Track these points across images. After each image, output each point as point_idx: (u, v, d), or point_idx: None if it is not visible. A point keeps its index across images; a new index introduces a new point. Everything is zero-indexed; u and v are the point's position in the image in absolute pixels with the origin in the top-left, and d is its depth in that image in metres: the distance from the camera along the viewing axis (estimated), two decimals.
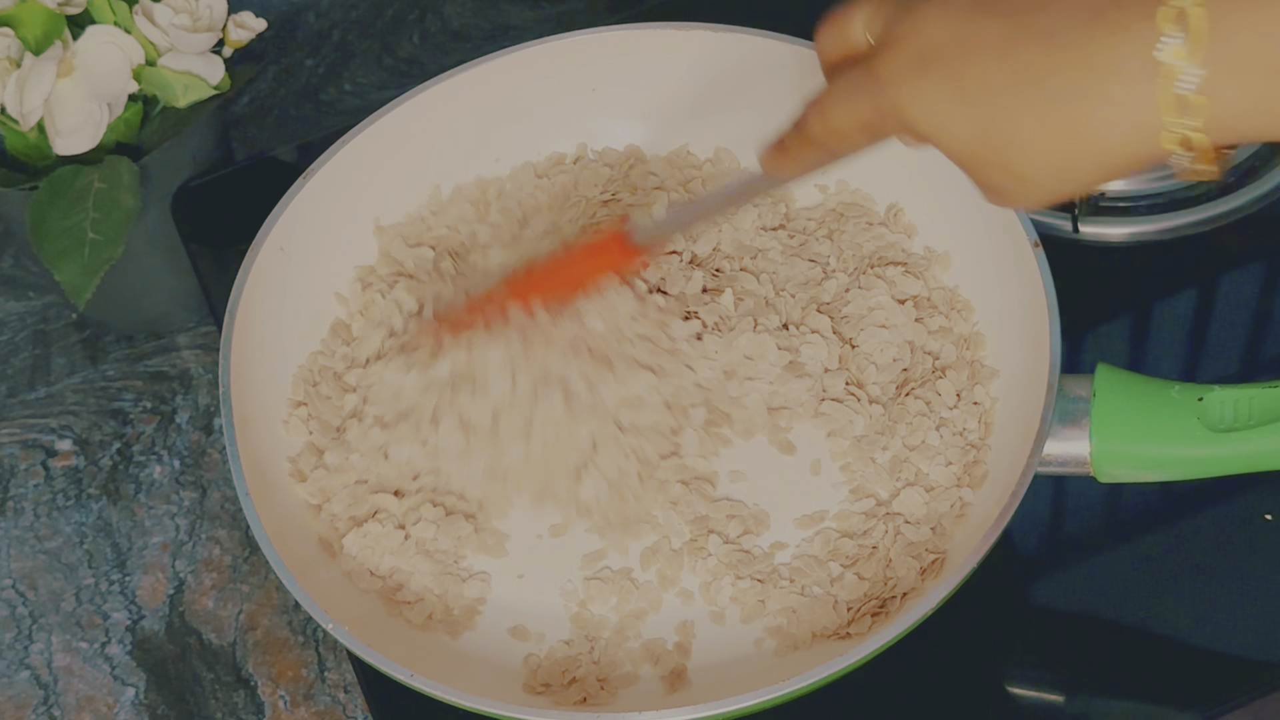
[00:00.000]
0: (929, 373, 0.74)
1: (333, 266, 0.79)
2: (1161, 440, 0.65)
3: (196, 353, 0.89)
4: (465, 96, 0.82)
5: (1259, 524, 0.72)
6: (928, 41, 0.49)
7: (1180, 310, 0.80)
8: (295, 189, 0.77)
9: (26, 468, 0.85)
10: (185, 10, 0.82)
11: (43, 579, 0.81)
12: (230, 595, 0.79)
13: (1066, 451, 0.66)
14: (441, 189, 0.83)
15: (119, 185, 0.79)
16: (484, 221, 0.80)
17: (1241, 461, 0.64)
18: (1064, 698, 0.69)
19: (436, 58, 1.02)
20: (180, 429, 0.86)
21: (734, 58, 0.81)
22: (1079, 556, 0.72)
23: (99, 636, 0.78)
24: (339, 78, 1.01)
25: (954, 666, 0.69)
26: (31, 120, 0.78)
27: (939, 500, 0.69)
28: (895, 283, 0.76)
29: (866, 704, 0.68)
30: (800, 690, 0.61)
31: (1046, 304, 0.69)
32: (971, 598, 0.63)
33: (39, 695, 0.77)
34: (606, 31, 0.83)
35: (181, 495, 0.83)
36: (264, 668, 0.76)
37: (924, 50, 0.49)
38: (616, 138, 0.84)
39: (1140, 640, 0.69)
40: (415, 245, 0.80)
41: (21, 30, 0.80)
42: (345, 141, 0.79)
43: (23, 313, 0.93)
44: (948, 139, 0.49)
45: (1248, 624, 0.69)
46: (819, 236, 0.79)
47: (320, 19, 1.05)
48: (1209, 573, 0.71)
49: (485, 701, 0.62)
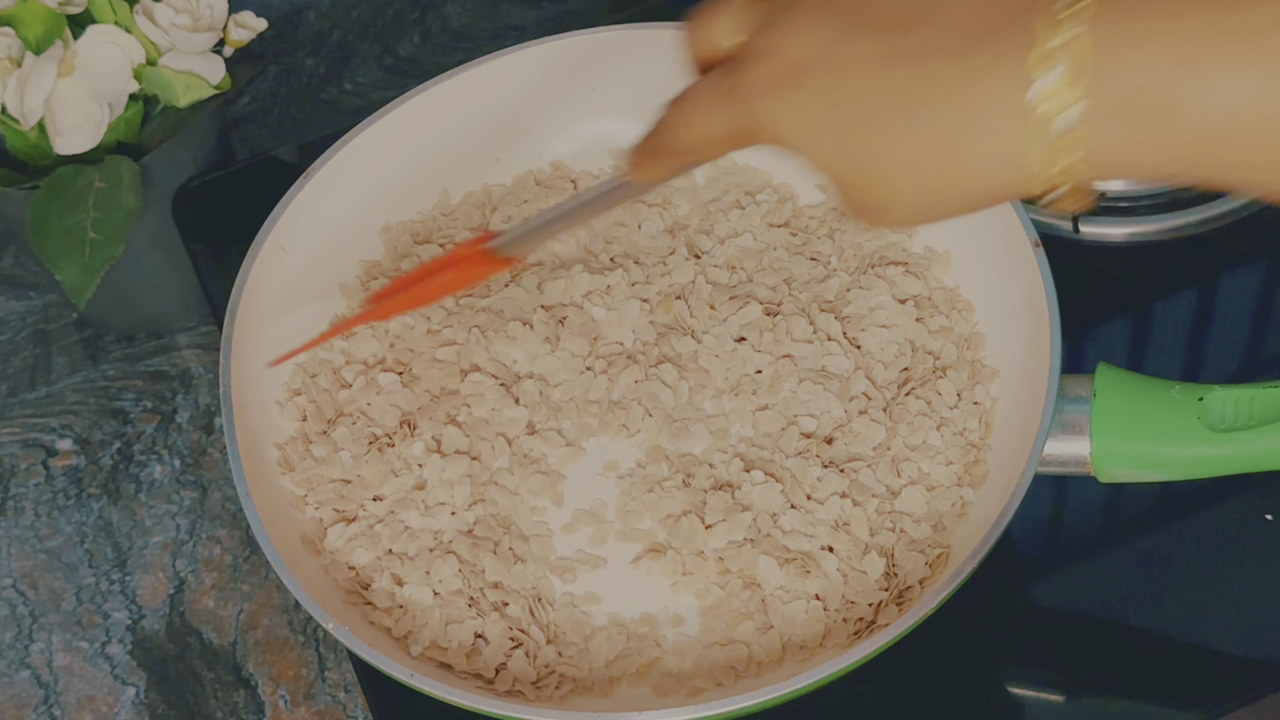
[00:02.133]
0: (930, 372, 0.74)
1: (333, 266, 0.79)
2: (1161, 440, 0.65)
3: (197, 352, 0.89)
4: (465, 96, 0.82)
5: (1259, 524, 0.72)
6: (797, 54, 0.47)
7: (1180, 310, 0.80)
8: (296, 189, 0.77)
9: (27, 467, 0.85)
10: (186, 10, 0.82)
11: (43, 578, 0.81)
12: (231, 595, 0.79)
13: (1067, 451, 0.66)
14: (451, 193, 0.83)
15: (120, 185, 0.79)
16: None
17: (1241, 461, 0.64)
18: (1064, 698, 0.69)
19: (437, 57, 1.02)
20: (181, 428, 0.86)
21: None
22: (1079, 556, 0.72)
23: (99, 636, 0.78)
24: (339, 78, 1.01)
25: (954, 666, 0.69)
26: (32, 120, 0.78)
27: (940, 499, 0.69)
28: (896, 282, 0.76)
29: (866, 704, 0.68)
30: (800, 690, 0.61)
31: (1047, 304, 0.69)
32: (971, 598, 0.63)
33: (39, 695, 0.77)
34: (606, 31, 0.83)
35: (182, 495, 0.83)
36: (264, 667, 0.76)
37: (793, 63, 0.47)
38: (616, 138, 0.84)
39: (1140, 640, 0.69)
40: (423, 243, 0.80)
41: (22, 30, 0.80)
42: (345, 141, 0.79)
43: (23, 312, 0.93)
44: (815, 155, 0.48)
45: (1248, 624, 0.69)
46: (820, 235, 0.79)
47: (321, 19, 1.05)
48: (1209, 573, 0.71)
49: (485, 701, 0.62)
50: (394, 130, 0.81)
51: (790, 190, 0.81)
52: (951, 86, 0.45)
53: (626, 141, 0.82)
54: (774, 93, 0.48)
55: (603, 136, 0.84)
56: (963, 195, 0.46)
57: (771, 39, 0.48)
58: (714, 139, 0.51)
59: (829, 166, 0.48)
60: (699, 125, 0.51)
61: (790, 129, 0.48)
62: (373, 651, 0.63)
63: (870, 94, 0.46)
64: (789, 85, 0.47)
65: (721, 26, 0.52)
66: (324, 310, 0.78)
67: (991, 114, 0.44)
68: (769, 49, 0.48)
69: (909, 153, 0.46)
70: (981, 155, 0.45)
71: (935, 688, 0.68)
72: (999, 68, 0.44)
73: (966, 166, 0.45)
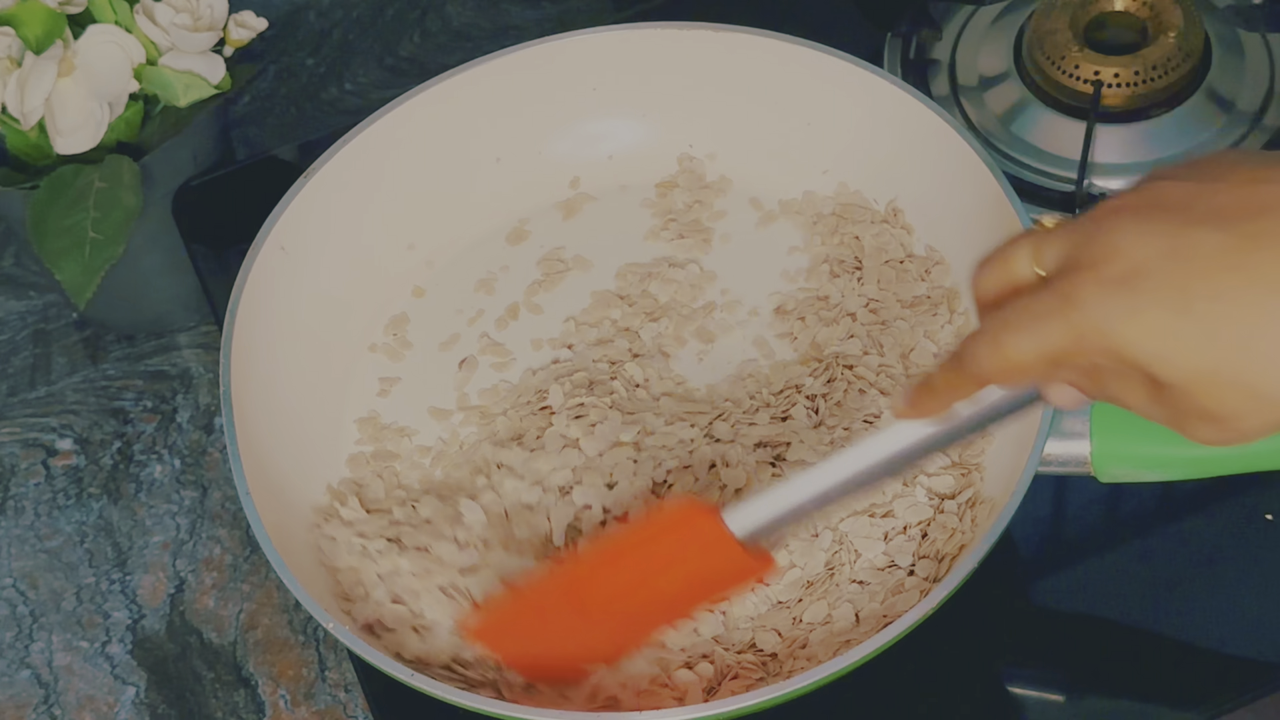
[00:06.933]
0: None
1: (333, 266, 0.80)
2: (1161, 440, 0.65)
3: (197, 352, 0.89)
4: (466, 96, 0.82)
5: (1259, 524, 0.72)
6: (1134, 258, 0.44)
7: None
8: (296, 188, 0.77)
9: (27, 467, 0.85)
10: (186, 9, 0.82)
11: (43, 578, 0.81)
12: (231, 594, 0.79)
13: (1067, 451, 0.66)
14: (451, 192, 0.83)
15: (120, 184, 0.79)
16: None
17: (1241, 461, 0.64)
18: (1064, 698, 0.69)
19: (437, 57, 1.02)
20: (181, 428, 0.86)
21: (734, 58, 0.81)
22: (1079, 556, 0.72)
23: (99, 636, 0.78)
24: (339, 77, 1.01)
25: (954, 666, 0.69)
26: (32, 119, 0.78)
27: (940, 500, 0.69)
28: (896, 282, 0.76)
29: (867, 704, 0.68)
30: (800, 690, 0.61)
31: None
32: (971, 598, 0.63)
33: (39, 694, 0.77)
34: (606, 31, 0.83)
35: (182, 494, 0.83)
36: (264, 667, 0.76)
37: (1131, 268, 0.44)
38: (617, 137, 0.84)
39: (1140, 640, 0.69)
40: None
41: (22, 29, 0.80)
42: (345, 141, 0.79)
43: (23, 312, 0.93)
44: (1174, 360, 0.44)
45: (1248, 624, 0.69)
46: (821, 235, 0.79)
47: (321, 18, 1.05)
48: (1209, 573, 0.71)
49: (485, 701, 0.62)
50: (394, 130, 0.81)
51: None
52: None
53: (628, 141, 0.84)
54: (1115, 299, 0.45)
55: (603, 136, 0.84)
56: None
57: (1099, 250, 0.46)
58: (1030, 363, 0.47)
59: (1193, 369, 0.44)
60: (1016, 348, 0.47)
61: (1141, 335, 0.44)
62: (373, 651, 0.63)
63: (1233, 283, 0.44)
64: (1131, 290, 0.44)
65: (1021, 256, 0.49)
66: (325, 310, 0.78)
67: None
68: (1098, 260, 0.45)
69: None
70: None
71: (935, 688, 0.68)
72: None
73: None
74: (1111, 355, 0.46)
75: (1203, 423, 0.45)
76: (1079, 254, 0.46)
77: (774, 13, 0.83)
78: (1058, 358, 0.47)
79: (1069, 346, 0.46)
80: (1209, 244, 0.44)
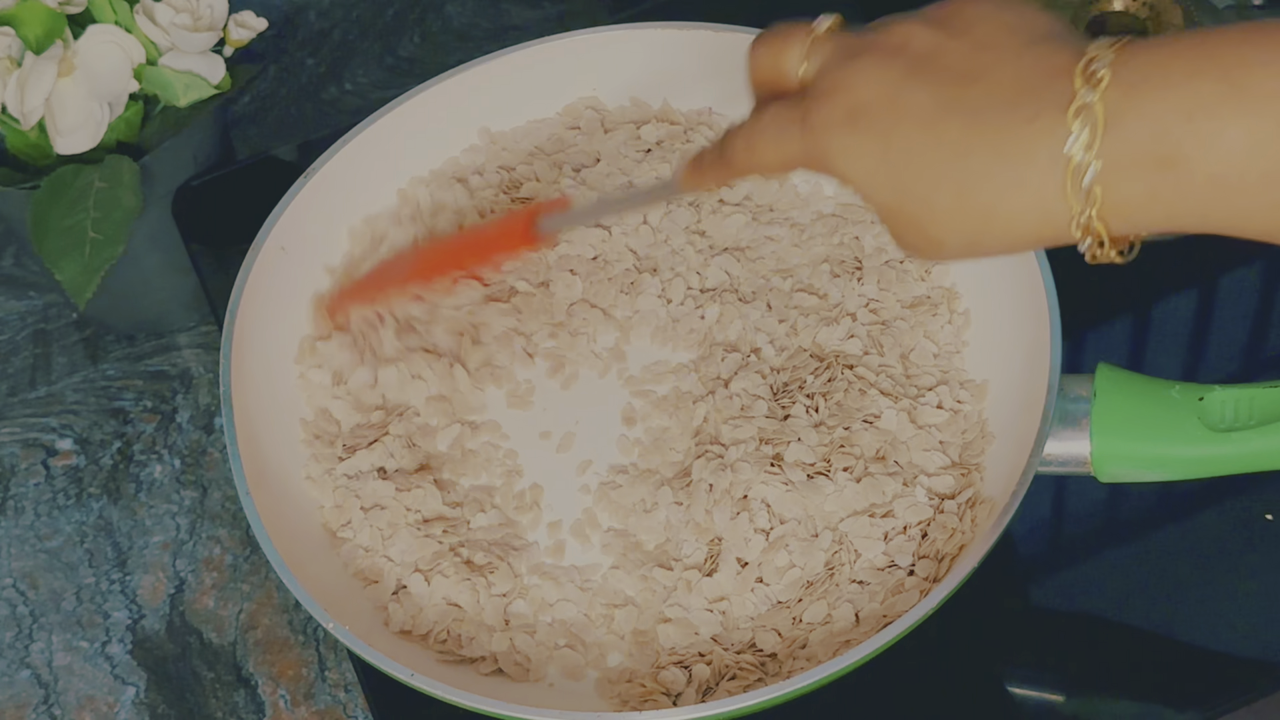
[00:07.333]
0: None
1: (333, 266, 0.79)
2: (1162, 440, 0.65)
3: (197, 352, 0.89)
4: (466, 96, 0.82)
5: (1259, 524, 0.72)
6: (860, 97, 0.51)
7: (1180, 310, 0.80)
8: (296, 188, 0.77)
9: (27, 467, 0.85)
10: (186, 9, 0.82)
11: (43, 578, 0.81)
12: (230, 594, 0.79)
13: (1067, 451, 0.66)
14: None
15: (120, 184, 0.79)
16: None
17: (1241, 461, 0.64)
18: (1064, 698, 0.69)
19: (437, 57, 1.02)
20: (181, 428, 0.86)
21: (734, 58, 0.81)
22: (1079, 556, 0.72)
23: (99, 636, 0.78)
24: (339, 77, 1.01)
25: (954, 666, 0.69)
26: (32, 119, 0.78)
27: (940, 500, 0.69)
28: (896, 282, 0.76)
29: (866, 704, 0.68)
30: (800, 690, 0.61)
31: (1047, 304, 0.69)
32: (971, 598, 0.63)
33: (39, 694, 0.77)
34: (606, 31, 0.83)
35: (182, 494, 0.83)
36: (264, 667, 0.76)
37: (856, 105, 0.51)
38: None
39: (1140, 640, 0.69)
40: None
41: (22, 29, 0.80)
42: (345, 141, 0.79)
43: (23, 312, 0.93)
44: (869, 192, 0.52)
45: (1248, 624, 0.69)
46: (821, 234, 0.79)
47: (321, 18, 1.05)
48: (1209, 573, 0.71)
49: (485, 701, 0.62)
50: (394, 130, 0.81)
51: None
52: (997, 138, 0.48)
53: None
54: (839, 130, 0.51)
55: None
56: (1004, 239, 0.49)
57: (838, 80, 0.52)
58: (772, 163, 0.55)
59: (882, 204, 0.51)
60: (764, 150, 0.55)
61: (850, 167, 0.51)
62: (373, 651, 0.63)
63: (923, 142, 0.49)
64: (850, 126, 0.51)
65: (792, 54, 0.55)
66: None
67: (1032, 166, 0.48)
68: (839, 87, 0.52)
69: (956, 199, 0.49)
70: (1022, 205, 0.48)
71: (935, 688, 0.68)
72: (1041, 120, 0.47)
73: (1008, 214, 0.49)
74: (831, 175, 0.53)
75: (906, 246, 0.52)
76: (827, 78, 0.53)
77: (774, 13, 0.82)
78: (793, 165, 0.54)
79: (803, 160, 0.53)
80: (918, 100, 0.50)
